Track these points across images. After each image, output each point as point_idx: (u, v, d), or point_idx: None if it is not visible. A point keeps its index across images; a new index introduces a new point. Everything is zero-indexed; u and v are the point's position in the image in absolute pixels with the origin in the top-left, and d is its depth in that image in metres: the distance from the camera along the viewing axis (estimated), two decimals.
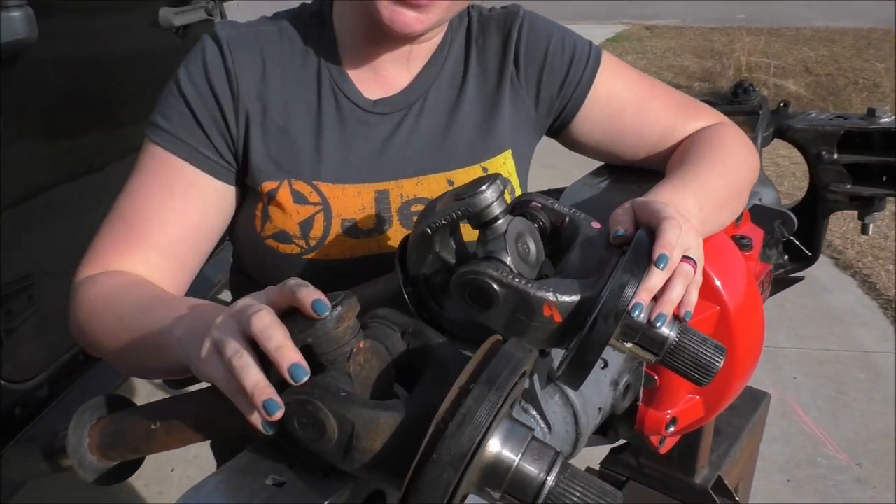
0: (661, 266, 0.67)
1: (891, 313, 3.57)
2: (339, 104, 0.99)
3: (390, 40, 0.97)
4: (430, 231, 0.72)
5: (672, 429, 0.99)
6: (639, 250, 0.68)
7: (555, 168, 2.54)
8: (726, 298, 0.93)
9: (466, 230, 0.80)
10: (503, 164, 1.05)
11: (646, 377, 0.95)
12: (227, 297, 2.80)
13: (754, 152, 1.08)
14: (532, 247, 0.73)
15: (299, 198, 0.95)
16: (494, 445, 0.54)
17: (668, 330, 0.69)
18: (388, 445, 0.55)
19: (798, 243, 1.40)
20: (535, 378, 0.76)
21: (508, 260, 0.69)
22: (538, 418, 0.78)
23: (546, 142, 1.16)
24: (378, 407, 0.55)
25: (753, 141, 1.20)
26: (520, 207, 0.78)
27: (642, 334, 0.69)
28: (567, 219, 0.76)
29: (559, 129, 1.11)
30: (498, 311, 0.67)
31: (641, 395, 0.96)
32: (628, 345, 0.69)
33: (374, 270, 0.87)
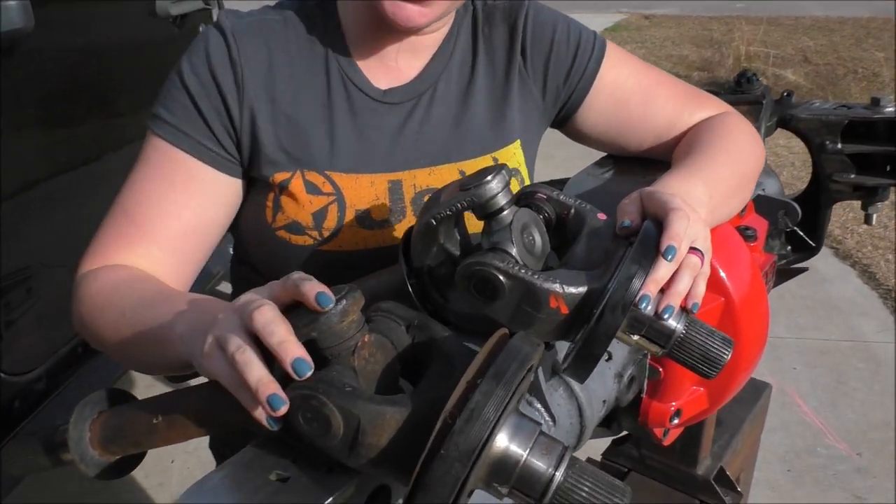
0: (669, 257, 0.66)
1: (890, 303, 3.57)
2: (350, 93, 0.97)
3: (395, 32, 0.95)
4: (434, 222, 0.71)
5: (676, 421, 0.98)
6: (646, 241, 0.67)
7: (553, 158, 2.52)
8: (731, 290, 0.93)
9: (470, 223, 0.79)
10: (513, 155, 1.04)
11: (650, 369, 0.94)
12: (225, 288, 2.82)
13: (760, 142, 1.07)
14: (537, 238, 0.72)
15: (312, 188, 0.94)
16: (502, 441, 0.53)
17: (675, 322, 0.68)
18: (394, 441, 0.54)
19: (802, 233, 1.39)
20: (540, 370, 0.76)
21: (514, 251, 0.68)
22: (542, 411, 0.78)
23: (545, 132, 1.15)
24: (384, 402, 0.55)
25: (757, 131, 1.19)
26: (525, 199, 0.77)
27: (649, 327, 0.68)
28: (573, 210, 0.75)
29: (564, 119, 1.10)
30: (504, 302, 0.67)
31: (646, 387, 0.95)
32: (635, 337, 0.69)
33: (386, 262, 0.86)
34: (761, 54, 7.83)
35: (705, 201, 0.85)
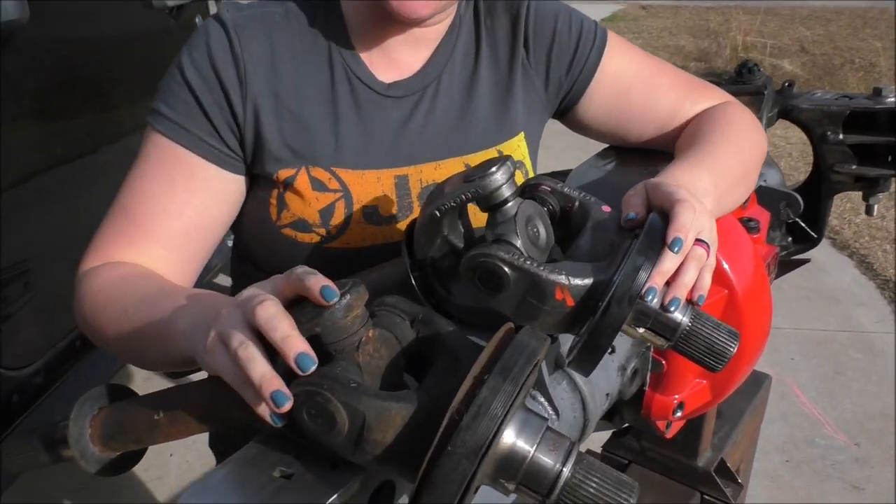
0: (676, 249, 0.66)
1: (888, 293, 3.57)
2: (354, 88, 0.96)
3: (399, 24, 0.94)
4: (438, 213, 0.70)
5: (679, 413, 0.98)
6: (653, 233, 0.66)
7: (550, 150, 2.51)
8: (735, 282, 0.92)
9: (472, 217, 0.78)
10: (517, 147, 1.04)
11: (653, 362, 0.94)
12: (223, 280, 2.81)
13: (762, 131, 1.06)
14: (542, 231, 0.72)
15: (318, 185, 0.93)
16: (509, 436, 0.53)
17: (681, 315, 0.67)
18: (400, 437, 0.53)
19: (804, 225, 1.39)
20: (543, 364, 0.75)
21: (519, 243, 0.67)
22: (546, 405, 0.77)
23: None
24: (390, 398, 0.54)
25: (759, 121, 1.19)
26: (529, 191, 0.76)
27: (655, 319, 0.67)
28: (577, 203, 0.75)
29: (565, 109, 1.09)
30: (508, 294, 0.66)
31: (648, 379, 0.95)
32: (640, 330, 0.68)
33: (393, 258, 0.85)
34: (758, 44, 7.82)
35: (710, 192, 0.84)
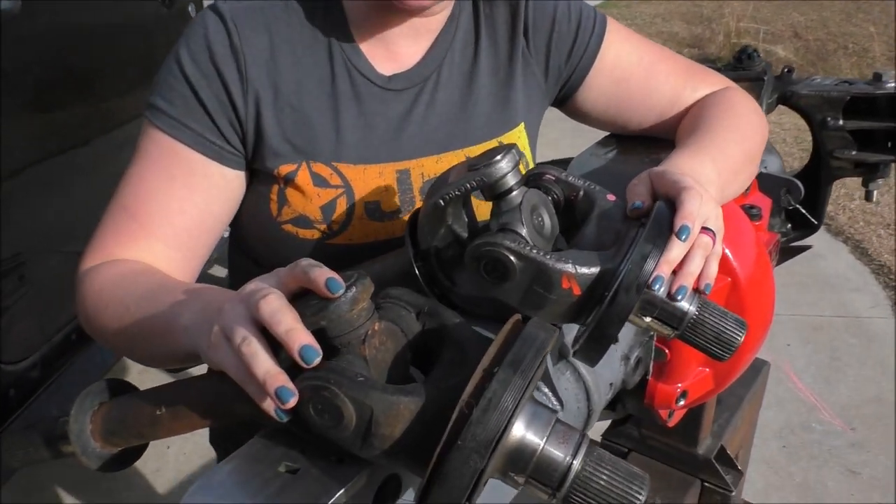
0: (683, 238, 0.65)
1: (883, 278, 3.58)
2: (354, 81, 0.94)
3: (400, 14, 0.92)
4: (443, 203, 0.70)
5: (682, 402, 0.98)
6: (660, 221, 0.65)
7: (543, 137, 2.50)
8: (738, 270, 0.92)
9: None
10: (518, 139, 1.03)
11: (656, 351, 0.94)
12: (217, 272, 2.79)
13: (763, 117, 1.06)
14: (547, 220, 0.71)
15: (320, 181, 0.91)
16: (519, 430, 0.52)
17: (688, 304, 0.67)
18: (408, 431, 0.53)
19: (804, 211, 1.39)
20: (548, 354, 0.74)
21: (524, 232, 0.67)
22: (550, 395, 0.76)
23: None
24: (397, 392, 0.53)
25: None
26: (533, 180, 0.75)
27: (662, 308, 0.67)
28: (582, 192, 0.74)
29: (565, 97, 1.08)
30: (514, 284, 0.65)
31: (651, 369, 0.95)
32: (647, 319, 0.68)
33: None
34: (751, 30, 7.79)
35: (714, 179, 0.83)
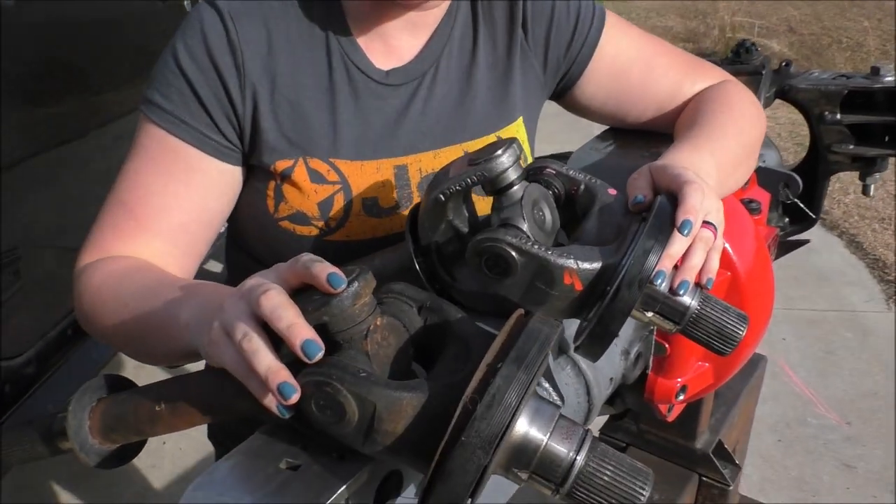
0: (685, 232, 0.65)
1: (878, 272, 3.59)
2: (351, 76, 0.93)
3: (398, 8, 0.91)
4: (443, 197, 0.69)
5: (682, 397, 0.97)
6: (661, 216, 0.65)
7: (540, 131, 2.50)
8: (738, 264, 0.91)
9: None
10: (517, 133, 1.02)
11: (656, 345, 0.93)
12: (212, 266, 2.78)
13: (762, 111, 1.05)
14: (548, 214, 0.71)
15: (317, 177, 0.91)
16: (522, 425, 0.52)
17: (689, 298, 0.67)
18: (411, 427, 0.52)
19: (802, 205, 1.39)
20: None
21: (525, 227, 0.66)
22: (550, 390, 0.76)
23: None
24: (400, 387, 0.53)
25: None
26: (533, 174, 0.75)
27: (664, 303, 0.66)
28: (582, 186, 0.73)
29: (563, 91, 1.08)
30: (516, 279, 0.65)
31: (651, 363, 0.94)
32: (649, 314, 0.67)
33: None
34: (746, 24, 7.79)
35: (713, 174, 0.83)
